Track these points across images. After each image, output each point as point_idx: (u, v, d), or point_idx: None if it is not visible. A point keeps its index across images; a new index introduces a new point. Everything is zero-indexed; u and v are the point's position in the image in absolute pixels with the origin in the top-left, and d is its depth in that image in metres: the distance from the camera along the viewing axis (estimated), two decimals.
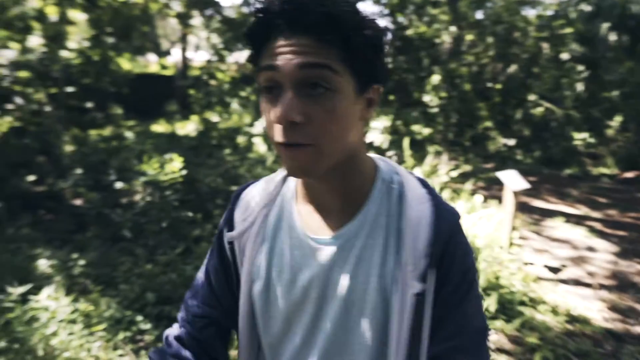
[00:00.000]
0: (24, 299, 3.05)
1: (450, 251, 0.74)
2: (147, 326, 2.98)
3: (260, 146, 7.39)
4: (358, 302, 0.76)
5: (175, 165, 4.54)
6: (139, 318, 3.03)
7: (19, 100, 7.24)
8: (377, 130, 6.02)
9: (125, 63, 11.55)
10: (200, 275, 0.97)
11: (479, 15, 8.79)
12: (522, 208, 5.51)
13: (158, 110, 11.55)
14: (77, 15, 9.70)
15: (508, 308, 3.28)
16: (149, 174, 4.36)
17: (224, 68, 11.01)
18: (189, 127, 9.74)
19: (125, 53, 12.72)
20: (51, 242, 4.44)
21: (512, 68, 9.01)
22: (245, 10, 8.45)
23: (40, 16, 7.19)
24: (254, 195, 0.91)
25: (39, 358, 2.58)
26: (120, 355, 2.72)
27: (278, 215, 0.87)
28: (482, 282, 3.37)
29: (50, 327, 2.74)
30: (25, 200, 5.48)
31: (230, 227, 0.91)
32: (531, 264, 4.11)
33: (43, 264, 3.80)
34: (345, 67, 0.67)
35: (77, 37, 10.67)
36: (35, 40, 6.59)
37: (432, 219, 0.74)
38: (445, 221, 0.75)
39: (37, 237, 4.58)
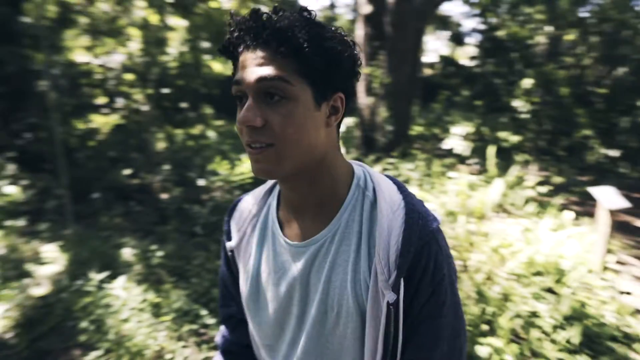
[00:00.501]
0: (101, 285, 3.29)
1: (422, 262, 0.75)
2: (211, 321, 3.07)
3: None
4: (335, 307, 0.79)
5: (245, 166, 4.66)
6: (204, 312, 3.13)
7: (121, 100, 7.96)
8: (458, 137, 5.71)
9: (217, 66, 12.22)
10: (219, 280, 1.06)
11: (581, 13, 8.02)
12: (622, 229, 4.91)
13: None
14: (177, 22, 10.42)
15: (595, 342, 2.91)
16: (221, 173, 4.52)
17: None
18: None
19: (220, 57, 13.44)
20: (137, 232, 4.78)
21: (620, 71, 8.11)
22: (329, 11, 8.48)
23: (145, 24, 7.83)
24: (246, 205, 0.98)
25: (110, 341, 2.76)
26: (184, 347, 2.82)
27: (264, 224, 0.93)
28: (564, 309, 3.03)
29: (123, 313, 2.93)
30: (120, 191, 5.97)
31: (229, 237, 0.99)
32: (628, 293, 3.63)
33: (127, 253, 4.09)
34: (301, 77, 0.72)
35: (176, 42, 11.51)
36: (134, 46, 7.16)
37: (402, 228, 0.75)
38: (417, 230, 0.76)
39: (126, 227, 4.97)
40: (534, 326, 2.88)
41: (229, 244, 0.97)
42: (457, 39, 12.28)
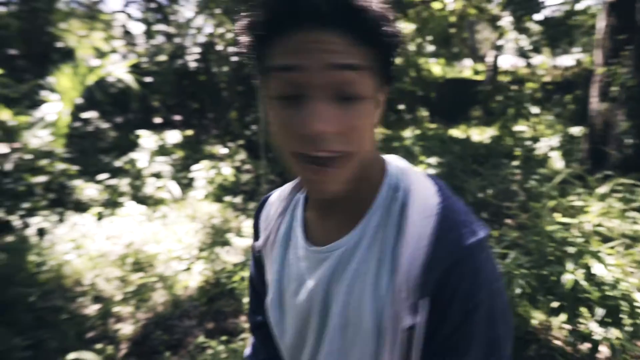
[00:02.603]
0: None
1: (451, 284, 0.61)
2: None
3: (557, 161, 6.35)
4: (353, 321, 0.69)
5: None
6: None
7: None
8: None
9: (436, 69, 12.04)
10: (249, 283, 1.01)
11: None
12: None
13: (465, 115, 11.53)
14: (407, 26, 10.65)
15: None
16: None
17: (540, 72, 9.97)
18: (487, 134, 9.32)
19: (440, 59, 13.26)
20: None
21: None
22: (565, 8, 7.35)
23: None
24: (274, 202, 0.90)
25: None
26: None
27: (290, 224, 0.84)
28: None
29: None
30: None
31: (257, 237, 0.92)
32: None
33: None
34: (372, 69, 0.61)
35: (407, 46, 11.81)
36: None
37: (430, 240, 0.62)
38: (448, 243, 0.62)
39: None
40: None
41: (256, 244, 0.90)
42: None
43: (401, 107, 11.16)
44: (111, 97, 8.74)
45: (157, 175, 5.71)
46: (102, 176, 5.55)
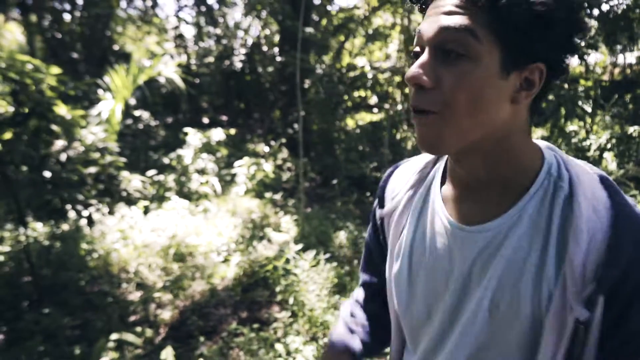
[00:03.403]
0: (296, 256, 3.64)
1: (632, 278, 0.60)
2: None
3: (609, 163, 6.02)
4: (504, 307, 0.68)
5: None
6: None
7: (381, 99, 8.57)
8: None
9: None
10: (365, 245, 1.03)
11: None
12: None
13: None
14: None
15: None
16: None
17: (597, 70, 9.44)
18: (536, 135, 8.96)
19: None
20: (359, 219, 5.10)
21: None
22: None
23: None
24: (404, 173, 0.89)
25: (293, 306, 3.06)
26: None
27: (424, 197, 0.83)
28: None
29: (308, 285, 3.20)
30: (360, 181, 6.46)
31: (382, 204, 0.92)
32: None
33: (341, 236, 4.43)
34: (492, 34, 0.61)
35: None
36: (393, 47, 7.57)
37: (609, 232, 0.61)
38: (630, 237, 0.61)
39: (352, 214, 5.37)
40: None
41: (380, 211, 0.91)
42: None
43: None
44: (162, 97, 9.17)
45: (202, 172, 5.92)
46: (150, 172, 5.82)
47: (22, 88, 3.08)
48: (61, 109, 3.38)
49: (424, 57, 0.64)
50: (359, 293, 1.06)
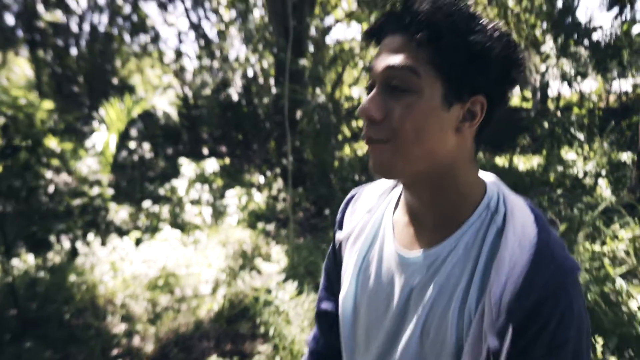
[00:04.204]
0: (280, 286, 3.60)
1: (542, 316, 0.61)
2: None
3: (603, 190, 5.99)
4: (433, 334, 0.71)
5: None
6: None
7: None
8: None
9: None
10: (323, 271, 1.04)
11: None
12: None
13: (511, 144, 11.16)
14: None
15: None
16: None
17: (593, 98, 9.51)
18: (533, 162, 8.96)
19: None
20: None
21: None
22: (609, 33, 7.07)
23: None
24: (365, 197, 0.92)
25: (276, 338, 3.01)
26: None
27: (378, 223, 0.86)
28: None
29: (289, 315, 3.16)
30: None
31: (340, 228, 0.94)
32: None
33: None
34: (433, 70, 0.66)
35: None
36: None
37: (526, 268, 0.63)
38: (544, 275, 0.63)
39: None
40: None
41: (338, 235, 0.93)
42: None
43: None
44: (162, 128, 9.30)
45: (196, 202, 5.95)
46: (145, 203, 5.85)
47: (13, 122, 3.15)
48: (51, 142, 3.44)
49: (374, 92, 0.70)
50: (313, 333, 1.06)
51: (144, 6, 10.12)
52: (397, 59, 0.67)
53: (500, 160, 9.40)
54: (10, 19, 10.53)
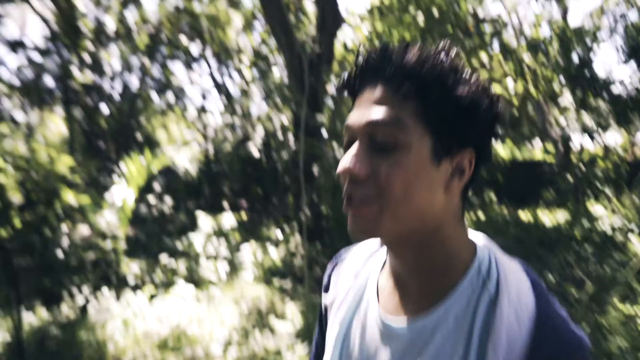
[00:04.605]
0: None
1: None
2: None
3: (636, 246, 5.69)
4: None
5: None
6: None
7: None
8: None
9: (502, 150, 11.72)
10: (314, 337, 0.97)
11: None
12: None
13: (535, 198, 10.91)
14: None
15: None
16: None
17: (619, 150, 9.30)
18: (558, 217, 8.67)
19: (508, 141, 12.93)
20: None
21: None
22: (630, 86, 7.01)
23: None
24: (351, 260, 0.86)
25: None
26: None
27: (363, 287, 0.80)
28: None
29: None
30: None
31: (327, 291, 0.88)
32: None
33: None
34: (421, 123, 0.63)
35: None
36: None
37: (528, 344, 0.58)
38: (549, 353, 0.58)
39: None
40: None
41: (324, 300, 0.87)
42: None
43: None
44: (184, 183, 9.47)
45: (212, 257, 5.90)
46: (162, 257, 5.84)
47: (30, 176, 3.22)
48: (68, 196, 3.50)
49: (357, 148, 0.64)
50: None
51: (170, 65, 10.62)
52: (380, 113, 0.63)
53: (524, 215, 9.13)
54: (49, 80, 11.20)
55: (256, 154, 8.54)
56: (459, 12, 8.62)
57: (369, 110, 0.64)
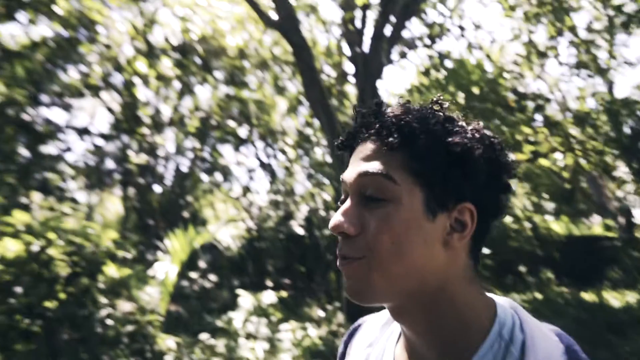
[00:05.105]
0: None
1: None
2: None
3: None
4: None
5: None
6: None
7: None
8: None
9: (556, 226, 11.15)
10: None
11: None
12: None
13: (598, 276, 10.08)
14: (516, 185, 10.47)
15: None
16: None
17: None
18: (628, 298, 7.90)
19: (563, 216, 12.33)
20: None
21: None
22: None
23: None
24: (368, 329, 0.82)
25: None
26: None
27: (380, 358, 0.74)
28: None
29: None
30: None
31: None
32: None
33: None
34: (410, 175, 0.60)
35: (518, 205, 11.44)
36: None
37: None
38: None
39: None
40: None
41: None
42: None
43: (522, 268, 10.28)
44: (229, 260, 9.55)
45: (251, 336, 5.74)
46: (202, 335, 5.74)
47: (77, 249, 3.35)
48: (110, 269, 3.60)
49: (347, 204, 0.63)
50: None
51: (219, 147, 11.26)
52: (371, 165, 0.62)
53: (588, 296, 8.40)
54: (110, 163, 12.07)
55: (299, 231, 8.57)
56: (499, 89, 8.72)
57: (359, 164, 0.63)
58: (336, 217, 0.62)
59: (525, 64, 9.84)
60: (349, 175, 0.64)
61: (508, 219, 9.91)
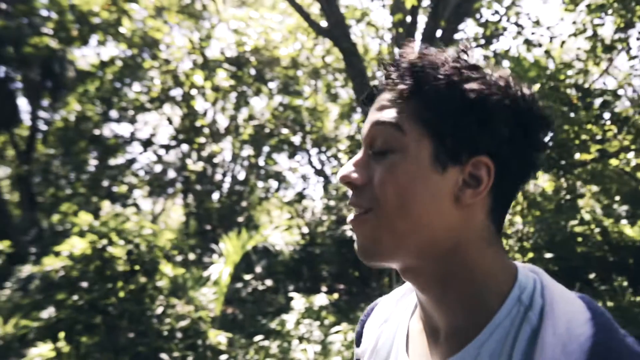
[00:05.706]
0: None
1: None
2: None
3: None
4: None
5: None
6: None
7: None
8: None
9: (631, 231, 10.33)
10: None
11: None
12: None
13: None
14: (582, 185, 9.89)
15: None
16: None
17: None
18: None
19: (639, 220, 11.42)
20: None
21: None
22: None
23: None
24: (382, 306, 0.79)
25: None
26: None
27: (392, 334, 0.72)
28: None
29: None
30: None
31: (358, 343, 0.82)
32: None
33: None
34: (420, 124, 0.57)
35: (586, 208, 10.76)
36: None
37: None
38: None
39: None
40: None
41: (356, 352, 0.80)
42: None
43: (591, 275, 9.61)
44: (284, 264, 9.69)
45: (303, 339, 5.79)
46: (256, 337, 5.86)
47: (136, 248, 3.55)
48: (166, 268, 3.78)
49: (358, 154, 0.62)
50: None
51: (274, 155, 11.52)
52: (382, 114, 0.59)
53: None
54: (171, 173, 12.71)
55: (349, 234, 8.56)
56: (560, 85, 8.27)
57: (373, 115, 0.61)
58: (345, 167, 0.61)
59: (590, 59, 9.27)
60: (365, 126, 0.63)
61: (573, 222, 9.31)
